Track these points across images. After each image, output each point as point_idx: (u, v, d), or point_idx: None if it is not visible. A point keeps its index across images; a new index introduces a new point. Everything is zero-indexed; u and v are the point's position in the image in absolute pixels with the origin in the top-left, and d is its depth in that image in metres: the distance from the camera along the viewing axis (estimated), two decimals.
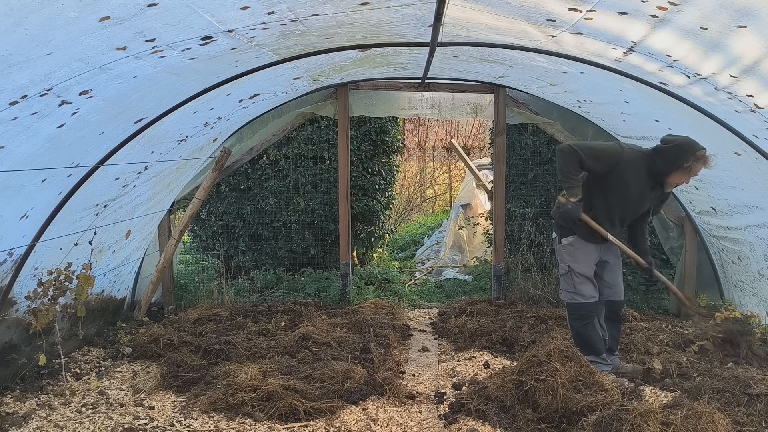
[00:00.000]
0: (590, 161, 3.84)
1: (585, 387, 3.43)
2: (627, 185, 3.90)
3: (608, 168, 3.87)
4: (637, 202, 4.01)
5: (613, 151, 3.92)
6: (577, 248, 4.03)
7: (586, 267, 4.03)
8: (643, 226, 4.23)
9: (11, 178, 3.12)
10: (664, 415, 3.02)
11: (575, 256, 4.03)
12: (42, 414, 3.57)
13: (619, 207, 3.99)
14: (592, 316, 4.04)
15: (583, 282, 4.02)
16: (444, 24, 3.39)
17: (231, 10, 2.78)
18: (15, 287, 3.73)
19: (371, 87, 6.13)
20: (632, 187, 3.91)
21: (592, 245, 4.04)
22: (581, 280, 4.01)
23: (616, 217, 4.03)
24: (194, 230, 7.16)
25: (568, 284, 4.07)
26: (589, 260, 4.04)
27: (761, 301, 4.90)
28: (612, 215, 4.01)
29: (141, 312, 5.51)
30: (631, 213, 4.07)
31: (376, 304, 5.75)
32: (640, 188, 3.93)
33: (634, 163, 3.88)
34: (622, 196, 3.95)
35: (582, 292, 4.02)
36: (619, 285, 4.20)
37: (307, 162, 6.81)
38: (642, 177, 3.90)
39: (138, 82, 3.24)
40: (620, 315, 4.25)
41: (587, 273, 4.02)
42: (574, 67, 4.09)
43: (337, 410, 3.57)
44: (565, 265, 4.08)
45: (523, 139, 6.62)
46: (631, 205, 4.01)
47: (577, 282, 4.02)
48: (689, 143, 3.81)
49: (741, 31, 2.57)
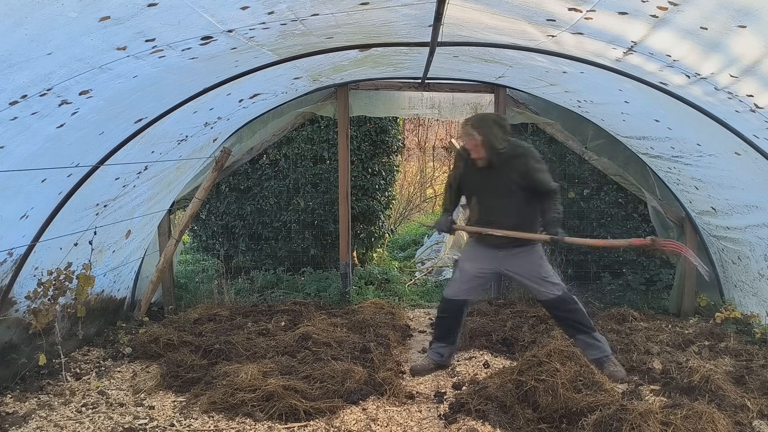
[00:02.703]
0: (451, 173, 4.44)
1: (585, 387, 3.43)
2: (466, 177, 4.26)
3: (456, 168, 4.37)
4: (486, 187, 4.18)
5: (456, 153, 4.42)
6: (469, 247, 4.42)
7: (468, 264, 4.26)
8: (544, 203, 4.10)
9: (11, 178, 3.11)
10: (664, 415, 3.02)
11: (465, 252, 4.43)
12: (42, 414, 3.57)
13: (474, 201, 4.26)
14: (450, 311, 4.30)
15: (460, 278, 4.26)
16: (444, 24, 3.39)
17: (231, 10, 2.78)
18: (15, 287, 3.73)
19: (371, 87, 6.13)
20: (469, 177, 4.23)
21: (482, 248, 4.23)
22: (459, 275, 4.28)
23: (485, 211, 4.19)
24: (194, 230, 7.16)
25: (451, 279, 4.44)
26: (474, 260, 4.26)
27: (761, 301, 4.91)
28: (481, 212, 4.21)
29: (141, 312, 5.51)
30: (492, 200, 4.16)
31: (376, 304, 5.75)
32: (475, 173, 4.17)
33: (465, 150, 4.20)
34: (467, 191, 4.32)
35: (452, 287, 4.29)
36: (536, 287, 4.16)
37: (307, 162, 6.81)
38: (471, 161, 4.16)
39: (138, 82, 3.24)
40: (569, 309, 4.14)
41: (468, 270, 4.24)
42: (574, 67, 4.09)
43: (337, 410, 3.57)
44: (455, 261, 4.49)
45: (523, 139, 6.57)
46: (482, 192, 4.21)
47: (454, 277, 4.35)
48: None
49: (741, 31, 2.57)
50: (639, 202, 6.28)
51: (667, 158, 5.22)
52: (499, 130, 4.01)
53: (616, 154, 6.04)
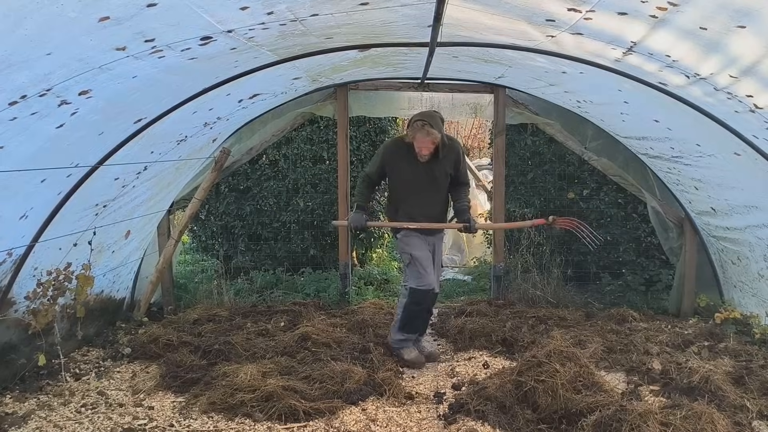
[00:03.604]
0: (372, 169, 4.43)
1: (585, 388, 3.43)
2: (400, 171, 4.32)
3: (381, 164, 4.37)
4: (422, 180, 4.28)
5: (379, 149, 4.51)
6: (410, 237, 4.33)
7: (421, 252, 4.31)
8: (459, 193, 4.47)
9: (11, 178, 3.11)
10: (663, 416, 3.03)
11: (412, 244, 4.32)
12: (41, 414, 3.57)
13: (406, 194, 4.34)
14: (428, 302, 4.38)
15: (426, 268, 4.29)
16: (443, 24, 3.39)
17: (230, 10, 2.78)
18: (14, 287, 3.73)
19: (371, 87, 6.13)
20: (405, 171, 4.29)
21: (421, 236, 4.34)
22: (423, 264, 4.28)
23: (416, 203, 4.31)
24: (193, 230, 7.16)
25: (413, 273, 4.32)
26: (423, 247, 4.33)
27: (761, 301, 4.91)
28: (408, 205, 4.33)
29: (140, 312, 5.50)
30: (426, 192, 4.31)
31: (376, 305, 5.75)
32: (411, 167, 4.27)
33: (396, 146, 4.34)
34: (401, 185, 4.36)
35: (425, 280, 4.28)
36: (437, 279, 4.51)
37: (307, 162, 6.81)
38: (406, 156, 4.26)
39: (137, 82, 3.24)
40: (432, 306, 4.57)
41: (427, 258, 4.31)
42: (574, 67, 4.09)
43: (337, 410, 3.58)
44: (407, 255, 4.34)
45: (523, 140, 6.62)
46: (416, 185, 4.30)
47: (421, 269, 4.28)
48: (417, 114, 4.28)
49: (740, 32, 2.57)
50: (639, 203, 6.28)
51: (667, 158, 5.22)
52: (442, 125, 4.30)
53: (616, 155, 6.03)
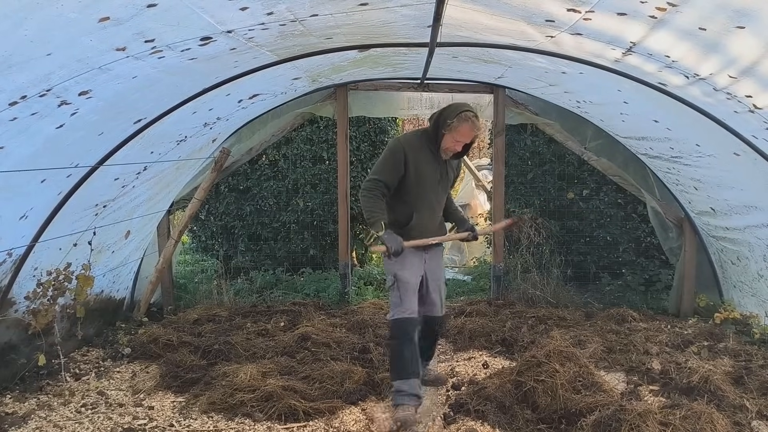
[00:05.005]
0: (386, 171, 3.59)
1: (584, 388, 3.44)
2: (420, 172, 3.61)
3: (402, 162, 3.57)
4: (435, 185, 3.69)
5: (393, 146, 3.67)
6: (404, 255, 3.55)
7: (409, 273, 3.61)
8: (449, 199, 3.95)
9: (11, 178, 3.11)
10: (662, 416, 3.03)
11: (402, 262, 3.57)
12: (41, 414, 3.57)
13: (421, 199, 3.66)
14: (411, 332, 3.58)
15: (407, 293, 3.59)
16: (443, 24, 3.39)
17: (230, 10, 2.78)
18: (14, 287, 3.73)
19: (370, 87, 6.13)
20: (424, 171, 3.62)
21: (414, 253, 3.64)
22: (405, 289, 3.58)
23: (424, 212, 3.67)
24: (193, 231, 7.16)
25: (393, 300, 3.63)
26: (413, 267, 3.65)
27: (760, 301, 4.91)
28: (420, 213, 3.66)
29: (140, 312, 5.51)
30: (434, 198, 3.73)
31: (376, 305, 5.76)
32: (431, 167, 3.65)
33: (415, 140, 3.65)
34: (418, 188, 3.64)
35: (404, 306, 3.57)
36: (438, 297, 3.83)
37: (306, 162, 6.81)
38: (424, 153, 3.62)
39: (137, 82, 3.24)
40: (438, 332, 4.01)
41: (412, 281, 3.62)
42: (573, 67, 4.09)
43: (337, 410, 3.58)
44: (391, 277, 3.63)
45: (522, 140, 6.62)
46: (427, 191, 3.67)
47: (403, 293, 3.58)
48: (457, 104, 3.61)
49: (740, 32, 2.57)
50: (638, 203, 6.28)
51: (667, 159, 5.23)
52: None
53: (616, 155, 6.04)
